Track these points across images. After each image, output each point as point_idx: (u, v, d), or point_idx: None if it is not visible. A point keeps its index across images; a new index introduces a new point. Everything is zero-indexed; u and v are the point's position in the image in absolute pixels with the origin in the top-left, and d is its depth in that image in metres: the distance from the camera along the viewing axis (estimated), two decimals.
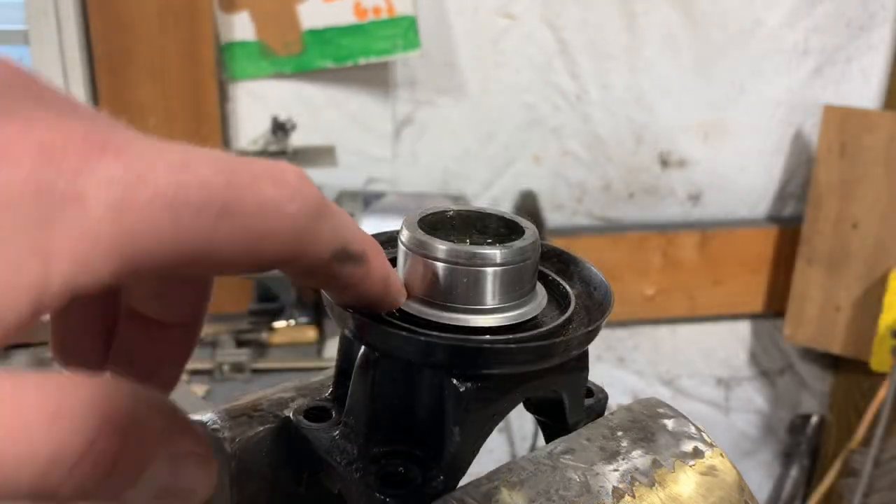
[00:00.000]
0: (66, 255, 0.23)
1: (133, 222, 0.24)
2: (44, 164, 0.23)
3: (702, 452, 0.40)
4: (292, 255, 0.28)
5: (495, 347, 0.34)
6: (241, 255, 0.27)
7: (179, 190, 0.25)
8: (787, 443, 2.54)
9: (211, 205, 0.26)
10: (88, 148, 0.24)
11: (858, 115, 2.12)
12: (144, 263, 0.25)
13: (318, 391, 0.42)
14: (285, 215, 0.27)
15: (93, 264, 0.24)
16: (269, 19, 1.82)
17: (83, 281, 0.24)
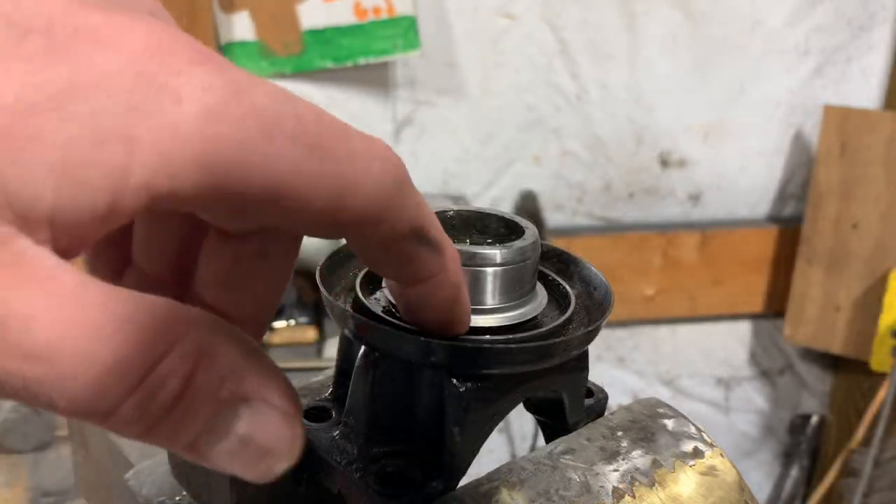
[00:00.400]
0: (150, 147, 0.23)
1: (224, 133, 0.24)
2: (147, 57, 0.23)
3: (702, 452, 0.40)
4: (374, 216, 0.27)
5: (495, 347, 0.34)
6: (325, 201, 0.25)
7: (276, 113, 0.25)
8: (787, 443, 2.54)
9: (305, 137, 0.25)
10: (192, 54, 0.24)
11: (858, 115, 2.12)
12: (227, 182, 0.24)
13: (318, 391, 0.42)
14: (373, 172, 0.26)
15: (175, 165, 0.23)
16: (268, 19, 1.82)
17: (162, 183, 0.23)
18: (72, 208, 0.22)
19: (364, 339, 0.36)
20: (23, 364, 0.21)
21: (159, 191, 0.23)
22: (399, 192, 0.27)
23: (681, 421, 0.41)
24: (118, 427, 0.23)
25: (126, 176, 0.22)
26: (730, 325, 2.40)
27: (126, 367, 0.22)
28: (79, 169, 0.22)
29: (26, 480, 1.21)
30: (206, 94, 0.24)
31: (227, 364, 0.25)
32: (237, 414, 0.25)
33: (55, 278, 0.22)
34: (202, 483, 0.42)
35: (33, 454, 1.26)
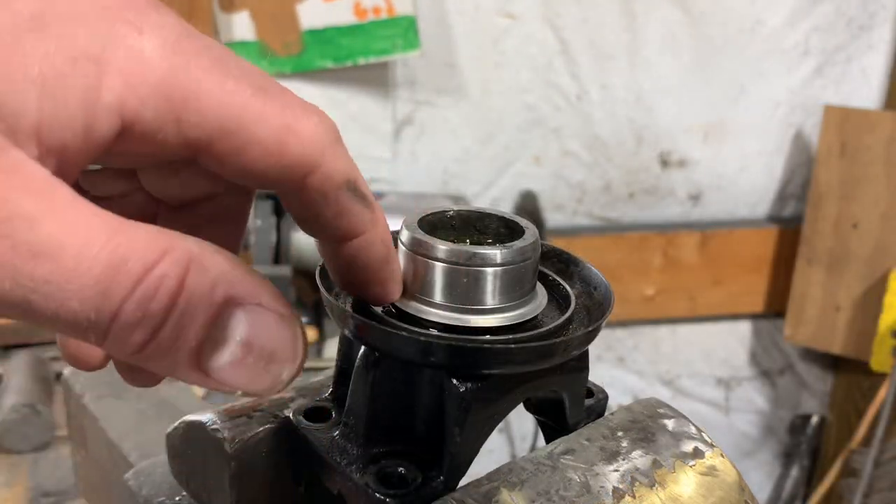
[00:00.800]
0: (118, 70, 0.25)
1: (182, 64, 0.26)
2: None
3: (702, 452, 0.40)
4: (312, 162, 0.29)
5: (495, 348, 0.34)
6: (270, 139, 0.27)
7: (224, 55, 0.27)
8: (787, 443, 2.54)
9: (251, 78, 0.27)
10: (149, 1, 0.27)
11: (858, 115, 2.12)
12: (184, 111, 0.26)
13: (318, 391, 0.42)
14: (310, 122, 0.29)
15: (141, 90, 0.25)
16: (268, 19, 1.82)
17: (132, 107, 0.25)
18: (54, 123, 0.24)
19: (364, 339, 0.36)
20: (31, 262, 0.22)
21: (127, 115, 0.25)
22: (333, 145, 0.29)
23: (681, 421, 0.41)
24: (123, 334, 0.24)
25: (97, 94, 0.24)
26: (730, 325, 2.40)
27: (124, 268, 0.23)
28: (56, 82, 0.24)
29: (26, 480, 1.21)
30: (164, 30, 0.26)
31: (217, 270, 0.26)
32: (235, 318, 0.26)
33: (52, 188, 0.23)
34: (202, 483, 0.42)
35: (33, 454, 1.26)
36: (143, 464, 0.49)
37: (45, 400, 1.31)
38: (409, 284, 0.37)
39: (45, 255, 0.22)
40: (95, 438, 0.66)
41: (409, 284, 0.37)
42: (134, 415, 0.64)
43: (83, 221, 0.23)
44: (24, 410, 1.27)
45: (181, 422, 0.42)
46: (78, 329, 0.23)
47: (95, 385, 0.68)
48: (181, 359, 0.25)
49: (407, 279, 0.37)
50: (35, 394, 1.31)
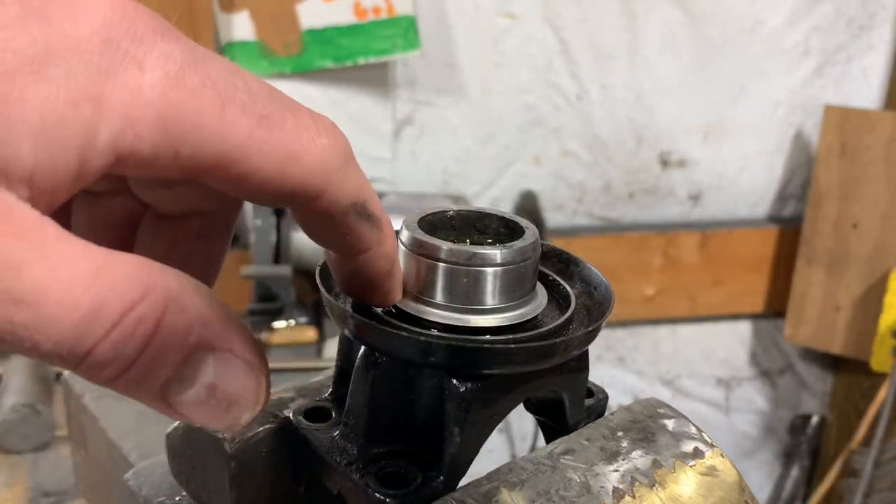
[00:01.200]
0: (117, 108, 0.25)
1: (182, 99, 0.26)
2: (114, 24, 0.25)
3: (702, 453, 0.40)
4: (316, 187, 0.29)
5: (495, 348, 0.34)
6: (272, 169, 0.28)
7: (230, 86, 0.27)
8: (787, 443, 2.54)
9: (255, 107, 0.27)
10: (154, 24, 0.27)
11: (858, 115, 2.12)
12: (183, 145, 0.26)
13: (318, 391, 0.42)
14: (318, 145, 0.29)
15: (139, 126, 0.25)
16: (268, 19, 1.82)
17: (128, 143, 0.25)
18: (49, 167, 0.24)
19: (364, 339, 0.36)
20: (12, 308, 0.23)
21: (122, 150, 0.25)
22: (342, 169, 0.29)
23: (681, 421, 0.41)
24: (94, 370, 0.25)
25: (94, 134, 0.25)
26: (730, 325, 2.40)
27: (103, 312, 0.24)
28: (54, 128, 0.24)
29: (26, 480, 1.21)
30: (167, 62, 0.26)
31: (195, 312, 0.26)
32: (204, 362, 0.27)
33: (41, 230, 0.24)
34: (202, 483, 0.42)
35: (33, 454, 1.26)
36: (143, 464, 0.49)
37: (45, 400, 1.31)
38: (409, 284, 0.37)
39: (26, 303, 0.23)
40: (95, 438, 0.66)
41: (409, 284, 0.37)
42: (134, 415, 0.64)
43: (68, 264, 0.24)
44: (24, 410, 1.27)
45: (181, 422, 0.42)
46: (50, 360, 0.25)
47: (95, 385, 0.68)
48: (148, 391, 0.26)
49: (407, 279, 0.37)
50: (35, 394, 1.31)
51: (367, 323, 0.35)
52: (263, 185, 0.28)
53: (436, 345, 0.34)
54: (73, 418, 0.71)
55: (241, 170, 0.27)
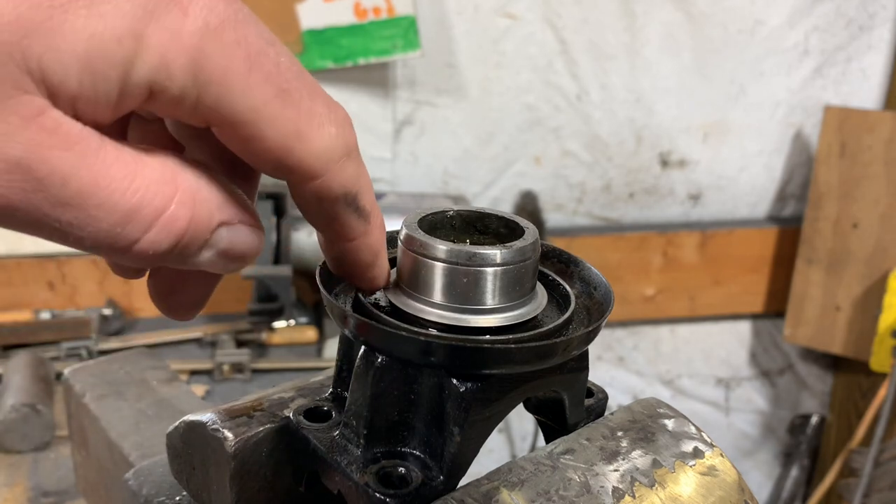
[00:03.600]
0: (155, 48, 0.27)
1: (215, 51, 0.28)
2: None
3: (702, 452, 0.40)
4: (314, 170, 0.32)
5: (495, 348, 0.34)
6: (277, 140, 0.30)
7: (261, 53, 0.29)
8: (787, 443, 2.54)
9: (277, 81, 0.29)
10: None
11: (858, 115, 2.12)
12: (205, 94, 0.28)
13: (318, 391, 0.42)
14: (325, 132, 0.31)
15: (172, 67, 0.27)
16: (268, 19, 1.82)
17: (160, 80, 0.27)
18: (91, 94, 0.27)
19: (364, 339, 0.36)
20: (60, 210, 0.27)
21: (155, 87, 0.28)
22: (342, 159, 0.32)
23: (681, 421, 0.41)
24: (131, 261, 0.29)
25: (132, 69, 0.27)
26: (730, 325, 2.40)
27: (140, 214, 0.28)
28: (98, 61, 0.26)
29: (26, 480, 1.21)
30: (209, 14, 0.28)
31: (215, 201, 0.30)
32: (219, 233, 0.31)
33: (84, 141, 0.27)
34: (202, 483, 0.42)
35: (33, 454, 1.26)
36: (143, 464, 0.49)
37: (45, 400, 1.31)
38: (410, 284, 0.37)
39: (71, 206, 0.27)
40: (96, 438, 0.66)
41: (410, 284, 0.37)
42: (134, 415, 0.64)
43: (107, 171, 0.27)
44: (24, 410, 1.27)
45: (181, 422, 0.42)
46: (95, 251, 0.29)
47: (95, 385, 0.68)
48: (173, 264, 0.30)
49: (407, 279, 0.37)
50: (35, 394, 1.31)
51: (367, 323, 0.35)
52: (265, 153, 0.30)
53: (436, 344, 0.34)
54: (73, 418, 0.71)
55: (250, 132, 0.29)
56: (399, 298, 0.38)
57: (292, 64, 0.30)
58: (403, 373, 0.36)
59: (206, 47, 0.28)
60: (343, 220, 0.34)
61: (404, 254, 0.37)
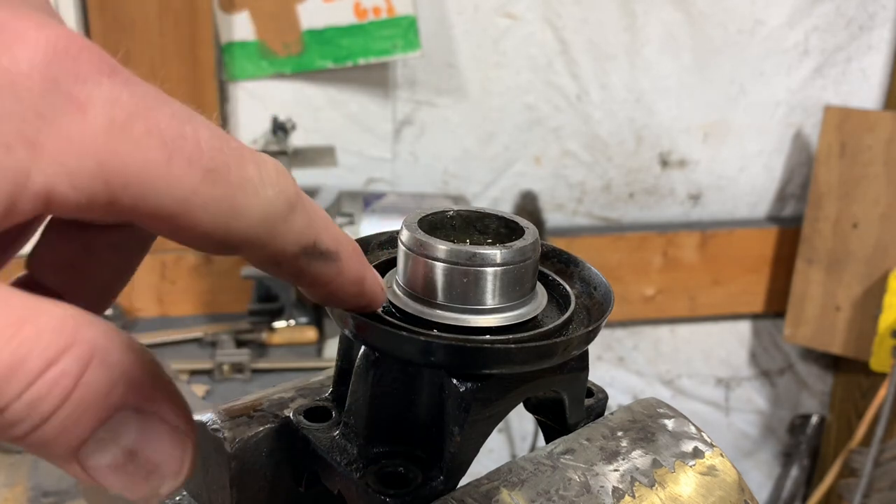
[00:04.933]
0: (54, 155, 0.23)
1: (126, 150, 0.24)
2: (55, 61, 0.23)
3: (702, 452, 0.40)
4: (260, 239, 0.27)
5: (495, 348, 0.34)
6: (214, 223, 0.26)
7: (178, 137, 0.25)
8: (787, 443, 2.54)
9: (202, 160, 0.25)
10: (100, 64, 0.24)
11: (858, 115, 2.12)
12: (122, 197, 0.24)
13: (318, 391, 0.42)
14: (262, 197, 0.27)
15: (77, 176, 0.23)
16: (269, 19, 1.82)
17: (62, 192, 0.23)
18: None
19: (364, 339, 0.36)
20: None
21: (55, 199, 0.23)
22: (287, 216, 0.28)
23: (681, 421, 0.41)
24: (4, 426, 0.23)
25: (25, 180, 0.23)
26: (730, 325, 2.40)
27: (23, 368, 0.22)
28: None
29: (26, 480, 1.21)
30: (113, 108, 0.24)
31: (120, 370, 0.24)
32: (126, 424, 0.25)
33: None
34: (202, 483, 0.42)
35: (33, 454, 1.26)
36: None
37: None
38: (410, 284, 0.37)
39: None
40: None
41: (410, 284, 0.37)
42: None
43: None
44: None
45: None
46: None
47: None
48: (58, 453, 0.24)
49: (407, 279, 0.37)
50: None
51: (367, 323, 0.35)
52: (204, 237, 0.26)
53: (436, 344, 0.34)
54: None
55: (182, 223, 0.26)
56: (399, 298, 0.38)
57: (213, 134, 0.26)
58: (403, 373, 0.36)
59: (116, 147, 0.24)
60: (311, 270, 0.30)
61: (404, 254, 0.37)
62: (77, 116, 0.23)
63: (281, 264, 0.29)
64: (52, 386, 0.22)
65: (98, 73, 0.24)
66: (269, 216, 0.27)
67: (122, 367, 0.24)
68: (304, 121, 1.84)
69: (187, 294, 1.88)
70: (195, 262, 1.88)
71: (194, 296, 1.89)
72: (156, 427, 0.25)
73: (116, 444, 0.24)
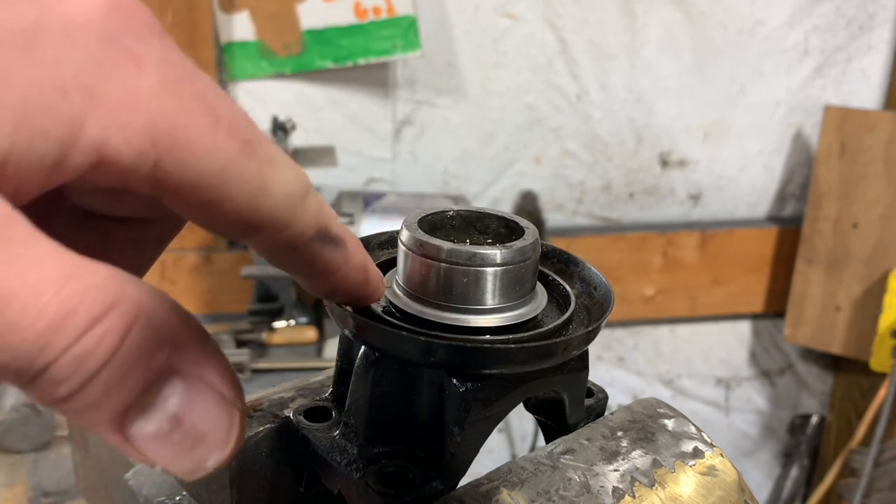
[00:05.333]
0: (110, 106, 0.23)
1: (176, 110, 0.24)
2: (111, 15, 0.23)
3: (702, 452, 0.40)
4: (282, 219, 0.27)
5: (495, 347, 0.34)
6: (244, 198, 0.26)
7: (219, 104, 0.25)
8: (787, 443, 2.54)
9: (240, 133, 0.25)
10: (151, 25, 0.25)
11: (858, 115, 2.12)
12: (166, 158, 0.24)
13: (318, 391, 0.42)
14: (285, 176, 0.27)
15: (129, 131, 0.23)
16: (269, 19, 1.82)
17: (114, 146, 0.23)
18: (25, 155, 0.22)
19: (364, 339, 0.36)
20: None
21: (107, 155, 0.23)
22: (304, 201, 0.28)
23: (681, 421, 0.41)
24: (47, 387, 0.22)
25: (80, 129, 0.22)
26: (730, 325, 2.40)
27: (70, 322, 0.21)
28: (37, 114, 0.21)
29: (26, 480, 1.21)
30: (165, 68, 0.24)
31: (165, 332, 0.23)
32: (171, 389, 0.24)
33: (12, 227, 0.21)
34: (202, 483, 0.42)
35: (33, 454, 1.26)
36: None
37: None
38: (410, 284, 0.37)
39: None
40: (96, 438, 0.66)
41: (410, 284, 0.37)
42: None
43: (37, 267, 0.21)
44: (24, 410, 1.27)
45: None
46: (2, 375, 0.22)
47: None
48: (102, 418, 0.23)
49: (407, 279, 0.37)
50: None
51: (367, 323, 0.35)
52: (230, 214, 0.26)
53: (436, 344, 0.34)
54: None
55: (215, 195, 0.25)
56: (399, 298, 0.38)
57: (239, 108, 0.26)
58: (403, 373, 0.36)
59: (167, 106, 0.23)
60: (322, 256, 0.30)
61: (404, 254, 0.37)
62: (134, 71, 0.23)
63: (297, 248, 0.29)
64: (98, 342, 0.22)
65: (149, 32, 0.24)
66: (292, 196, 0.27)
67: (167, 329, 0.24)
68: (304, 121, 1.84)
69: (187, 294, 1.88)
70: (195, 261, 1.88)
71: (194, 296, 1.89)
72: (202, 393, 0.24)
73: (161, 411, 0.23)
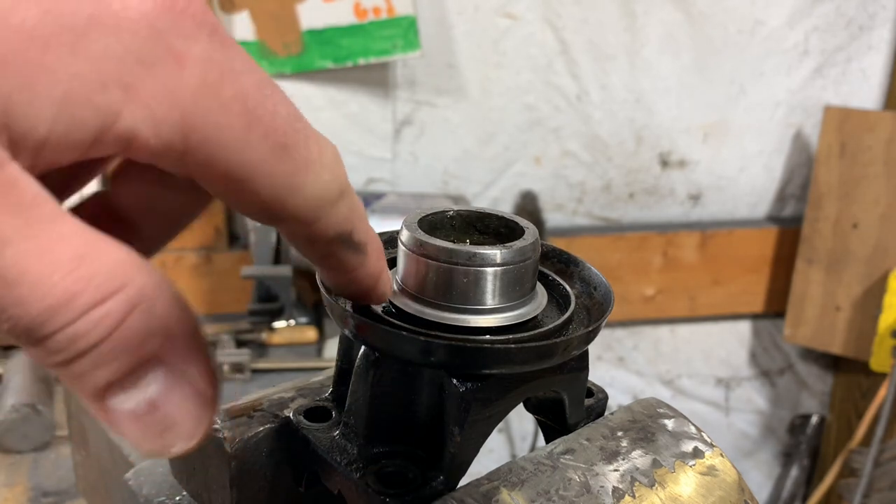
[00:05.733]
0: (145, 101, 0.24)
1: (212, 109, 0.25)
2: (162, 13, 0.25)
3: (702, 452, 0.40)
4: (308, 217, 0.29)
5: (495, 348, 0.34)
6: (272, 196, 0.27)
7: (259, 107, 0.26)
8: (787, 443, 2.54)
9: (275, 135, 0.27)
10: (203, 22, 0.26)
11: (858, 115, 2.12)
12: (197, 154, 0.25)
13: (318, 391, 0.42)
14: (319, 180, 0.29)
15: (161, 125, 0.24)
16: (268, 19, 1.82)
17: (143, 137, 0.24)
18: (61, 141, 0.23)
19: (364, 339, 0.36)
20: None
21: (135, 143, 0.25)
22: (335, 202, 0.30)
23: (681, 421, 0.41)
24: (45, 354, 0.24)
25: (114, 120, 0.24)
26: (730, 325, 2.40)
27: (74, 303, 0.23)
28: (77, 107, 0.23)
29: (26, 480, 1.21)
30: (207, 67, 0.25)
31: (161, 321, 0.25)
32: (153, 376, 0.25)
33: (38, 206, 0.23)
34: (202, 483, 0.42)
35: (33, 454, 1.26)
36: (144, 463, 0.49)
37: (45, 400, 1.31)
38: (410, 284, 0.37)
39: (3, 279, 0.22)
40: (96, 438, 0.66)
41: (410, 284, 0.37)
42: None
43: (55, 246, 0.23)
44: (24, 410, 1.27)
45: None
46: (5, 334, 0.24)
47: None
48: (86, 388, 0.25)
49: (407, 279, 0.37)
50: (35, 394, 1.31)
51: (367, 323, 0.35)
52: (257, 205, 0.28)
53: (436, 345, 0.34)
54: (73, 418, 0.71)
55: (243, 189, 0.27)
56: (399, 298, 0.38)
57: (287, 108, 0.28)
58: (403, 373, 0.36)
59: (202, 104, 0.25)
60: (339, 256, 0.32)
61: (404, 254, 0.37)
62: (174, 69, 0.24)
63: (315, 244, 0.31)
64: (95, 324, 0.23)
65: (199, 30, 0.25)
66: (321, 199, 0.29)
67: (163, 321, 0.25)
68: None
69: (187, 294, 1.85)
70: (195, 261, 1.88)
71: (194, 296, 1.89)
72: (181, 386, 0.26)
73: (141, 393, 0.25)
